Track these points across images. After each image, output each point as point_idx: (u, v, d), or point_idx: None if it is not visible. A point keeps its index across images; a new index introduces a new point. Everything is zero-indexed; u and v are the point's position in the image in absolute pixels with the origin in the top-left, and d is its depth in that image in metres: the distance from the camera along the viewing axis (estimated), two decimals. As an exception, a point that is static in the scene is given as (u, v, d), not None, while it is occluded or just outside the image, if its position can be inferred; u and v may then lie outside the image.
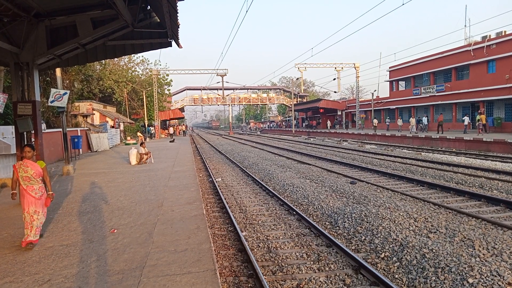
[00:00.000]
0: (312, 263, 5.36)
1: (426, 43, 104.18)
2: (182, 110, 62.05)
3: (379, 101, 44.94)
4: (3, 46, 7.43)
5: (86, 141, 22.14)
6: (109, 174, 12.17)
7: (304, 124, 65.19)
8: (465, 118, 27.37)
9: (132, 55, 43.32)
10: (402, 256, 5.33)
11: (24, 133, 8.26)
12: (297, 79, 68.34)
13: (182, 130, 57.03)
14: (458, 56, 31.66)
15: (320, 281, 4.76)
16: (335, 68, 48.09)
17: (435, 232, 6.23)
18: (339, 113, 53.75)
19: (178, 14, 7.62)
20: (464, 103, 31.64)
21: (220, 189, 10.76)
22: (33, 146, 5.57)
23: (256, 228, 7.13)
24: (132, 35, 9.55)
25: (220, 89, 55.39)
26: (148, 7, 8.70)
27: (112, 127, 30.51)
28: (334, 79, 48.10)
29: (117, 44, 9.93)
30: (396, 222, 6.71)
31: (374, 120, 38.21)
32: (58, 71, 13.68)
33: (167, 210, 7.01)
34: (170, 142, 31.75)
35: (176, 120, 65.72)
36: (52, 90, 12.16)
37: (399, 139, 29.40)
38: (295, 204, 8.98)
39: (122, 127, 35.12)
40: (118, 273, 4.14)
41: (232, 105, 66.71)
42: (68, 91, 12.52)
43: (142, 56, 50.38)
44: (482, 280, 4.37)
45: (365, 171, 13.70)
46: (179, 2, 7.04)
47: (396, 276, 4.91)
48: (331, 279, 4.82)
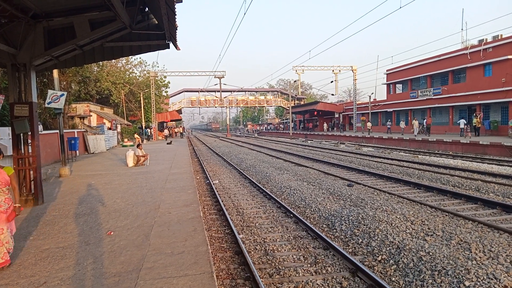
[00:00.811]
0: (309, 265, 5.36)
1: (423, 46, 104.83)
2: (179, 112, 62.04)
3: (377, 103, 45.12)
4: (0, 47, 7.40)
5: (83, 142, 22.06)
6: (106, 176, 12.13)
7: (301, 126, 65.32)
8: (461, 121, 27.52)
9: (129, 57, 43.30)
10: (399, 259, 5.34)
11: (21, 134, 8.22)
12: (294, 81, 68.44)
13: (180, 132, 56.95)
14: (455, 59, 31.86)
15: (317, 283, 4.76)
16: (333, 70, 48.21)
17: (432, 235, 6.24)
18: (336, 115, 53.88)
19: (176, 16, 7.62)
20: (461, 106, 31.81)
21: (217, 191, 10.74)
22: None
23: (253, 231, 7.12)
24: (130, 36, 9.54)
25: (218, 91, 55.40)
26: (146, 8, 8.70)
27: (109, 128, 30.42)
28: (332, 81, 48.17)
29: (115, 45, 9.92)
30: (393, 224, 6.72)
31: (368, 123, 38.31)
32: (56, 73, 13.65)
33: (164, 212, 6.99)
34: (168, 144, 31.69)
35: (174, 122, 65.68)
36: (49, 92, 12.13)
37: (396, 142, 29.50)
38: (292, 207, 8.98)
39: (119, 129, 35.03)
40: (115, 275, 4.12)
41: (230, 107, 66.75)
42: (65, 93, 12.49)
43: (140, 58, 50.15)
44: (479, 283, 4.38)
45: (362, 173, 13.72)
46: (177, 4, 7.05)
47: (393, 279, 4.91)
48: (328, 282, 4.81)
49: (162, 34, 9.31)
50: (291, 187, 10.94)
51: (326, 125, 49.02)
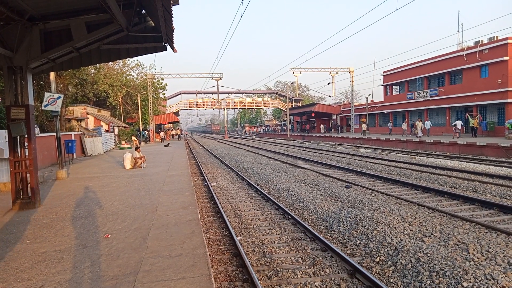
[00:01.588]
0: (307, 267, 5.35)
1: (420, 48, 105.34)
2: (177, 114, 61.94)
3: (374, 105, 45.24)
4: (-4, 49, 7.38)
5: (80, 145, 21.98)
6: (103, 179, 12.08)
7: (298, 128, 65.41)
8: (457, 122, 27.61)
9: (126, 59, 43.28)
10: (397, 260, 5.35)
11: (18, 137, 8.18)
12: (292, 83, 68.72)
13: (177, 134, 56.84)
14: (451, 61, 32.02)
15: (315, 285, 4.75)
16: (330, 72, 48.39)
17: (429, 236, 6.25)
18: (333, 117, 54.00)
19: (173, 19, 7.63)
20: (458, 108, 31.96)
21: (215, 193, 10.72)
22: None
23: (251, 233, 7.11)
24: (127, 39, 9.52)
25: (215, 93, 55.42)
26: (143, 11, 8.69)
27: (107, 131, 30.35)
28: (329, 83, 48.38)
29: (111, 48, 9.89)
30: (391, 226, 6.73)
31: (363, 124, 38.32)
32: (52, 75, 13.59)
33: (162, 214, 6.96)
34: (165, 146, 31.64)
35: (172, 124, 65.57)
36: (46, 94, 12.08)
37: (394, 143, 29.58)
38: (290, 208, 8.97)
39: (116, 131, 34.94)
40: (112, 278, 4.10)
41: (227, 109, 66.72)
42: (62, 95, 12.46)
43: (137, 60, 50.18)
44: (477, 284, 4.39)
45: (360, 175, 13.74)
46: (174, 6, 7.05)
47: (391, 280, 4.91)
48: (326, 284, 4.81)
49: (159, 37, 9.30)
50: (289, 189, 10.93)
51: (322, 126, 49.04)
